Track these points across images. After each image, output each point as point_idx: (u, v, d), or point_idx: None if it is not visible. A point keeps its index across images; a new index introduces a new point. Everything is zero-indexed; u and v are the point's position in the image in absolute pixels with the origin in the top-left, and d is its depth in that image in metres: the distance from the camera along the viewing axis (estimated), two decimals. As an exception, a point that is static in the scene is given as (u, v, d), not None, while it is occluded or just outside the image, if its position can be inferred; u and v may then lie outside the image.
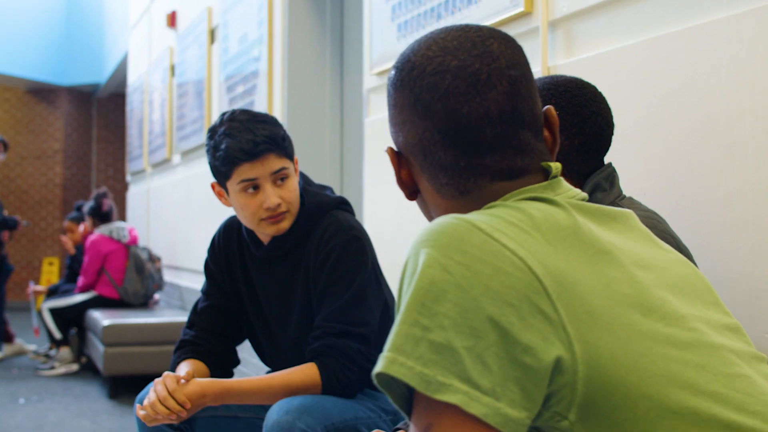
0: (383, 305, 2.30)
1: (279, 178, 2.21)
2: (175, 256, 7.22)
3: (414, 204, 1.22)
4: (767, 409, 0.96)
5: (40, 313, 6.96)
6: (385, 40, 3.33)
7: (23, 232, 11.82)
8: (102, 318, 5.96)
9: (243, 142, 2.15)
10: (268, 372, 2.50)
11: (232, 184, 2.21)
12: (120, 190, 12.61)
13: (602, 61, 2.20)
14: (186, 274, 6.94)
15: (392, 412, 2.23)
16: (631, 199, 1.78)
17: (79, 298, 6.85)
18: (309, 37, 4.68)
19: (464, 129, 1.08)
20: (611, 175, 1.79)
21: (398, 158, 1.17)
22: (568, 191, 1.09)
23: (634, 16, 2.14)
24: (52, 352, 7.30)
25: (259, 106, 4.89)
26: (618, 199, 1.76)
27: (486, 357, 0.86)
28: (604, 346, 0.90)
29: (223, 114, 2.26)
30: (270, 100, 4.79)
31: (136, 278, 6.86)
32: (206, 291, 2.47)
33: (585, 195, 1.12)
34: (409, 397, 0.91)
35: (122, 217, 9.57)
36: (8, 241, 7.69)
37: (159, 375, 2.14)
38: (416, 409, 0.89)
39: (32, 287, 7.72)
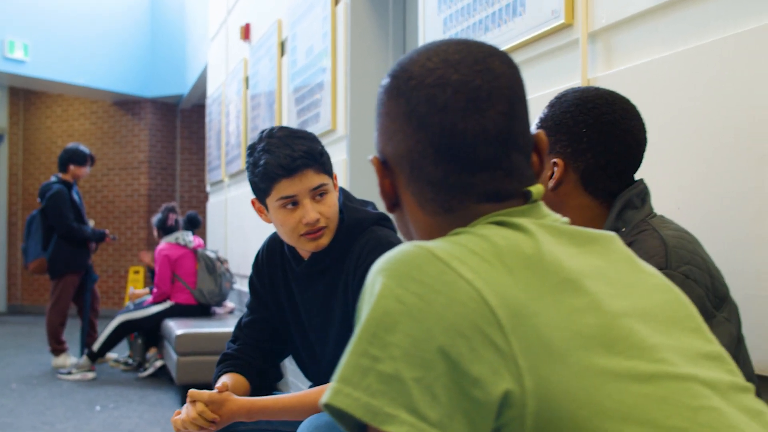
0: None
1: (318, 194, 2.21)
2: (250, 266, 7.26)
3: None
4: None
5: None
6: (437, 52, 3.31)
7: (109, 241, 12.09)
8: (176, 327, 6.07)
9: (281, 158, 2.15)
10: (311, 386, 2.52)
11: (272, 201, 2.21)
12: (203, 200, 12.82)
13: (641, 72, 2.16)
14: (260, 283, 6.98)
15: None
16: (662, 217, 1.74)
17: (154, 309, 6.95)
18: (371, 49, 4.69)
19: (459, 145, 1.05)
20: (643, 192, 1.75)
21: (383, 168, 1.14)
22: (545, 216, 1.07)
23: (672, 27, 2.09)
24: (131, 361, 7.46)
25: (324, 118, 4.93)
26: (648, 217, 1.72)
27: (435, 388, 0.85)
28: (558, 379, 0.88)
29: (263, 131, 2.27)
30: (334, 112, 4.82)
31: (209, 278, 6.96)
32: (250, 306, 2.51)
33: (566, 219, 1.10)
34: (364, 428, 0.91)
35: (203, 227, 9.70)
36: (94, 251, 7.86)
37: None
38: None
39: (132, 291, 7.74)
